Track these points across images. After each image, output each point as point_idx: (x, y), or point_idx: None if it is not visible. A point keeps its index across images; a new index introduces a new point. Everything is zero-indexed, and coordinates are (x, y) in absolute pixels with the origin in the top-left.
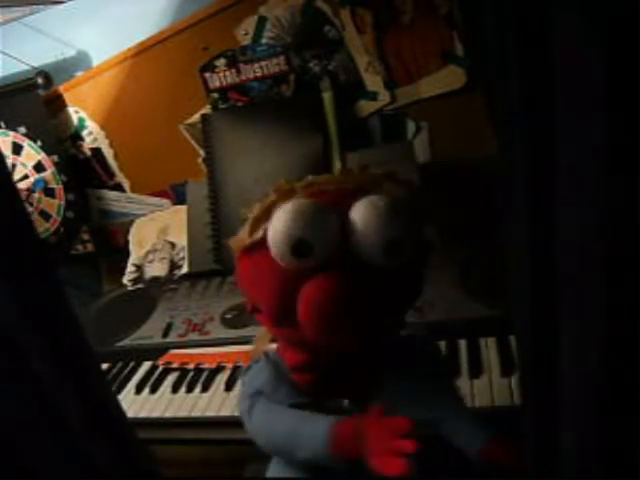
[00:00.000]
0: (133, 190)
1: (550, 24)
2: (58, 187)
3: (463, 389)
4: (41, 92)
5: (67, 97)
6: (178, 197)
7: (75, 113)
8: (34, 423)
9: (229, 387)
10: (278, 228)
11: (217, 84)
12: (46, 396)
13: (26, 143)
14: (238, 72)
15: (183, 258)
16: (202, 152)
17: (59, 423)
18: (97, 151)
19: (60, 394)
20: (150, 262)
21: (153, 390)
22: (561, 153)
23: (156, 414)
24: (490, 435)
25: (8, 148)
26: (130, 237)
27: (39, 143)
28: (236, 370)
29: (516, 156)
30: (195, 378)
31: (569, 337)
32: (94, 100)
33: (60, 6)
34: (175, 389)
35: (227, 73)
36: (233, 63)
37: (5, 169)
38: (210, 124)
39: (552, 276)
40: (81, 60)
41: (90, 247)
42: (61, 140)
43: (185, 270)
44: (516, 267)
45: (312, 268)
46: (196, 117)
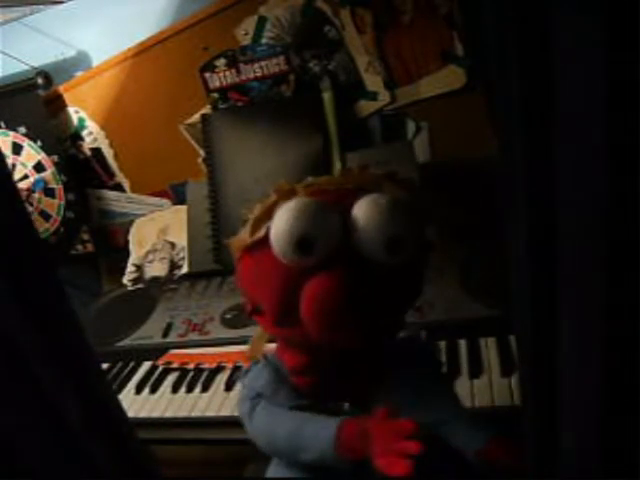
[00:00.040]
0: (133, 190)
1: (550, 24)
2: (58, 187)
3: (463, 389)
4: (41, 92)
5: (67, 97)
6: (178, 197)
7: (75, 113)
8: (34, 423)
9: (229, 387)
10: (280, 226)
11: (217, 84)
12: (46, 396)
13: (26, 143)
14: (238, 72)
15: (183, 258)
16: (202, 152)
17: (59, 423)
18: (97, 151)
19: (60, 394)
20: (150, 262)
21: (153, 390)
22: (561, 153)
23: (156, 414)
24: (489, 436)
25: (8, 148)
26: (130, 237)
27: (39, 143)
28: (236, 370)
29: (516, 156)
30: (195, 378)
31: (569, 337)
32: (94, 100)
33: (60, 6)
34: (175, 389)
35: (227, 73)
36: (233, 63)
37: (5, 169)
38: (210, 124)
39: (552, 276)
40: (81, 60)
41: (90, 247)
42: (61, 140)
43: (185, 270)
44: (516, 267)
45: (314, 266)
46: (196, 117)
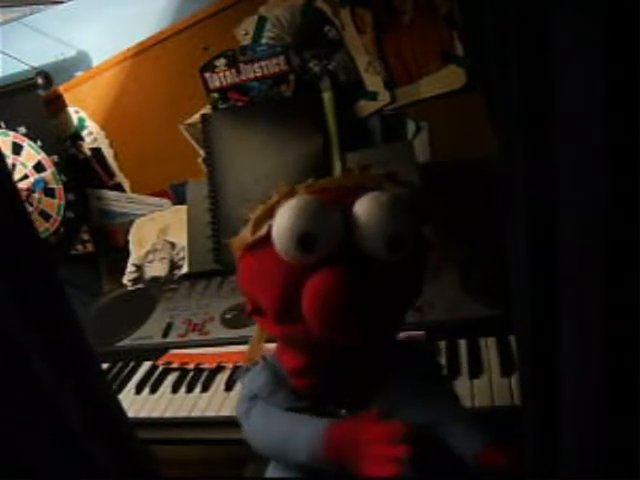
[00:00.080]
0: (133, 190)
1: (550, 24)
2: (58, 187)
3: (463, 389)
4: (41, 92)
5: (67, 97)
6: (178, 197)
7: (75, 113)
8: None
9: (229, 387)
10: (282, 223)
11: (217, 84)
12: (46, 396)
13: (26, 143)
14: (238, 72)
15: (183, 258)
16: (202, 152)
17: (59, 423)
18: (97, 151)
19: (60, 394)
20: (150, 262)
21: (153, 390)
22: (561, 153)
23: (156, 414)
24: (487, 439)
25: (8, 148)
26: (130, 237)
27: (39, 143)
28: (236, 370)
29: (516, 156)
30: (195, 378)
31: (569, 337)
32: (94, 100)
33: (60, 6)
34: (175, 389)
35: (227, 73)
36: (233, 63)
37: (5, 169)
38: (210, 124)
39: (552, 276)
40: (81, 60)
41: (90, 247)
42: (61, 140)
43: (185, 270)
44: (516, 267)
45: (316, 263)
46: (196, 117)
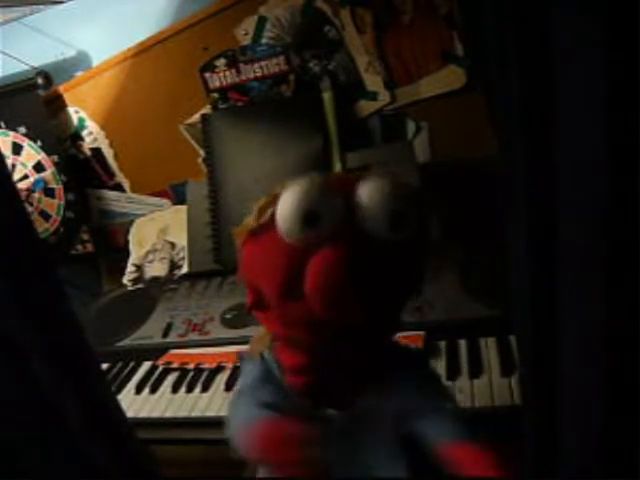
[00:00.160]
0: (133, 190)
1: (550, 24)
2: (58, 187)
3: (463, 389)
4: (41, 92)
5: (67, 97)
6: (178, 197)
7: (75, 113)
8: (34, 423)
9: (229, 387)
10: (287, 201)
11: (217, 84)
12: (46, 396)
13: (26, 143)
14: (238, 72)
15: (183, 258)
16: (202, 152)
17: (59, 423)
18: (97, 151)
19: (60, 394)
20: (150, 262)
21: (153, 390)
22: (561, 153)
23: (156, 414)
24: (464, 437)
25: (8, 148)
26: (130, 237)
27: (39, 143)
28: (236, 370)
29: (516, 156)
30: (195, 378)
31: (569, 337)
32: (94, 100)
33: (60, 6)
34: (175, 389)
35: (227, 73)
36: (233, 63)
37: (5, 169)
38: (210, 124)
39: (552, 276)
40: (81, 60)
41: (90, 247)
42: (61, 140)
43: (185, 270)
44: (516, 267)
45: (318, 243)
46: (196, 117)
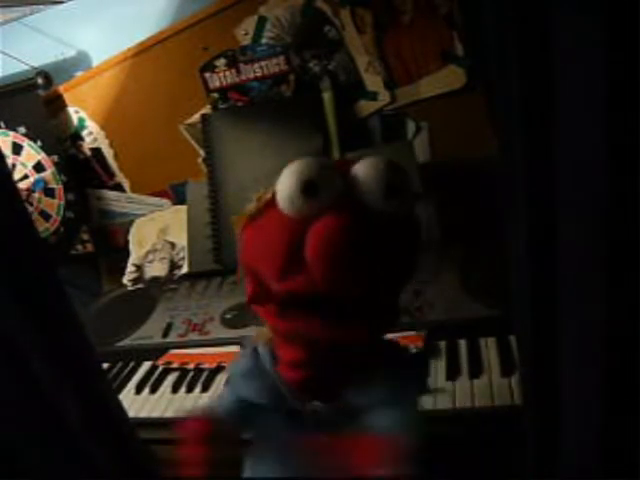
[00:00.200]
0: (133, 190)
1: (550, 24)
2: (58, 187)
3: (463, 389)
4: (41, 92)
5: (67, 97)
6: (178, 197)
7: (75, 113)
8: (34, 423)
9: None
10: (287, 175)
11: (217, 84)
12: (46, 396)
13: (26, 143)
14: (238, 72)
15: (183, 258)
16: (202, 152)
17: (59, 423)
18: (97, 151)
19: (60, 394)
20: (150, 262)
21: (153, 390)
22: (561, 153)
23: (156, 414)
24: (370, 433)
25: (8, 148)
26: (130, 237)
27: (39, 143)
28: None
29: (516, 156)
30: (195, 378)
31: (569, 337)
32: (94, 100)
33: (60, 6)
34: (175, 389)
35: (227, 73)
36: (233, 63)
37: (5, 169)
38: (210, 124)
39: (552, 276)
40: (81, 60)
41: (90, 247)
42: (61, 140)
43: (185, 270)
44: (516, 267)
45: (317, 215)
46: (196, 117)
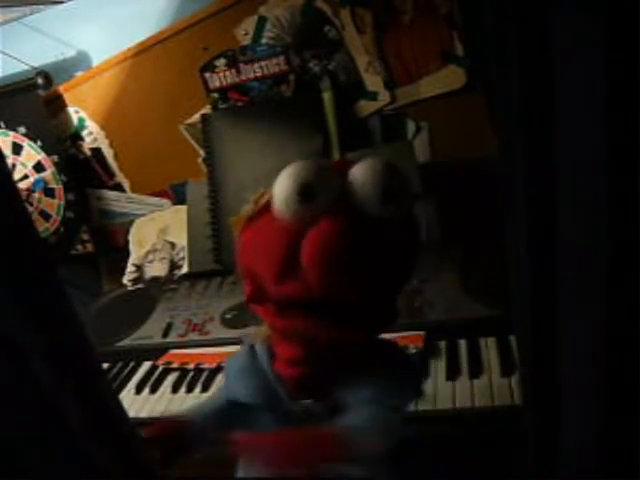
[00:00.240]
0: (133, 190)
1: (550, 24)
2: (58, 187)
3: (463, 389)
4: (41, 92)
5: (67, 97)
6: (178, 197)
7: (75, 113)
8: (34, 423)
9: None
10: (283, 178)
11: (217, 84)
12: (46, 396)
13: (26, 143)
14: (238, 72)
15: (183, 258)
16: (202, 152)
17: (59, 423)
18: (97, 151)
19: (60, 394)
20: (150, 262)
21: (153, 390)
22: (561, 153)
23: (156, 414)
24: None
25: (8, 148)
26: (130, 237)
27: (39, 143)
28: None
29: (516, 156)
30: (195, 378)
31: (569, 337)
32: (94, 100)
33: (60, 6)
34: (175, 389)
35: (227, 73)
36: (233, 63)
37: (5, 169)
38: (210, 124)
39: (552, 276)
40: (81, 60)
41: (90, 247)
42: (61, 140)
43: (185, 270)
44: (516, 267)
45: (314, 220)
46: (196, 117)
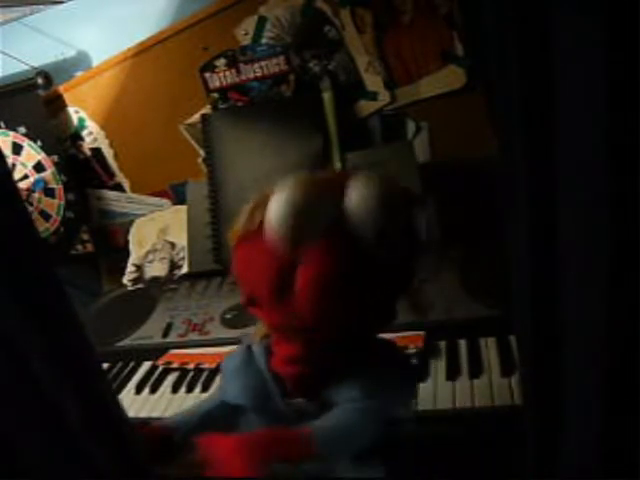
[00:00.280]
0: (133, 190)
1: (550, 24)
2: (58, 187)
3: (463, 389)
4: (41, 92)
5: (67, 97)
6: (178, 197)
7: (75, 113)
8: (34, 423)
9: None
10: (275, 211)
11: (217, 84)
12: (46, 396)
13: (26, 143)
14: (238, 72)
15: (183, 258)
16: (202, 152)
17: (59, 423)
18: (97, 151)
19: (60, 394)
20: (150, 262)
21: (153, 390)
22: (561, 153)
23: (156, 414)
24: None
25: (8, 148)
26: (130, 237)
27: (39, 143)
28: None
29: (516, 156)
30: (195, 378)
31: (569, 337)
32: (94, 100)
33: (60, 6)
34: (175, 389)
35: (227, 73)
36: (233, 63)
37: (5, 168)
38: (210, 124)
39: (552, 276)
40: (81, 60)
41: (90, 247)
42: (61, 140)
43: (185, 270)
44: (516, 267)
45: (307, 252)
46: (196, 117)
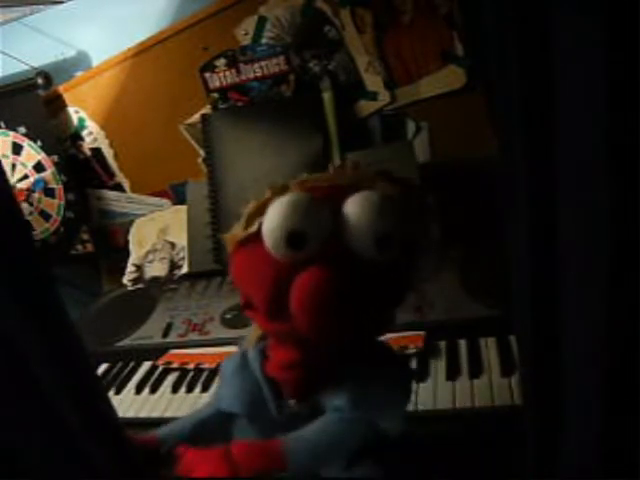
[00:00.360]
0: (133, 190)
1: (550, 24)
2: (58, 187)
3: (463, 389)
4: (41, 92)
5: (67, 97)
6: (178, 197)
7: (75, 113)
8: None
9: None
10: (272, 221)
11: (217, 84)
12: (46, 396)
13: (26, 143)
14: (238, 72)
15: (183, 258)
16: (202, 152)
17: (59, 423)
18: (97, 151)
19: (60, 394)
20: (150, 262)
21: (153, 390)
22: (561, 153)
23: (156, 414)
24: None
25: (8, 148)
26: (130, 237)
27: (39, 143)
28: None
29: (516, 156)
30: (195, 378)
31: (569, 337)
32: (94, 100)
33: (60, 6)
34: (175, 389)
35: (227, 73)
36: (233, 63)
37: None
38: (210, 124)
39: (552, 276)
40: (81, 60)
41: (90, 247)
42: (61, 140)
43: (185, 270)
44: (516, 267)
45: (305, 260)
46: (196, 117)
